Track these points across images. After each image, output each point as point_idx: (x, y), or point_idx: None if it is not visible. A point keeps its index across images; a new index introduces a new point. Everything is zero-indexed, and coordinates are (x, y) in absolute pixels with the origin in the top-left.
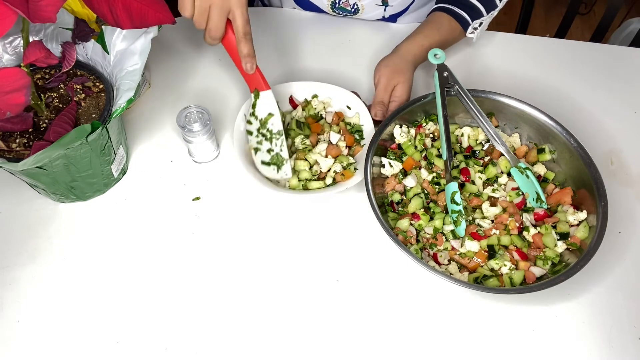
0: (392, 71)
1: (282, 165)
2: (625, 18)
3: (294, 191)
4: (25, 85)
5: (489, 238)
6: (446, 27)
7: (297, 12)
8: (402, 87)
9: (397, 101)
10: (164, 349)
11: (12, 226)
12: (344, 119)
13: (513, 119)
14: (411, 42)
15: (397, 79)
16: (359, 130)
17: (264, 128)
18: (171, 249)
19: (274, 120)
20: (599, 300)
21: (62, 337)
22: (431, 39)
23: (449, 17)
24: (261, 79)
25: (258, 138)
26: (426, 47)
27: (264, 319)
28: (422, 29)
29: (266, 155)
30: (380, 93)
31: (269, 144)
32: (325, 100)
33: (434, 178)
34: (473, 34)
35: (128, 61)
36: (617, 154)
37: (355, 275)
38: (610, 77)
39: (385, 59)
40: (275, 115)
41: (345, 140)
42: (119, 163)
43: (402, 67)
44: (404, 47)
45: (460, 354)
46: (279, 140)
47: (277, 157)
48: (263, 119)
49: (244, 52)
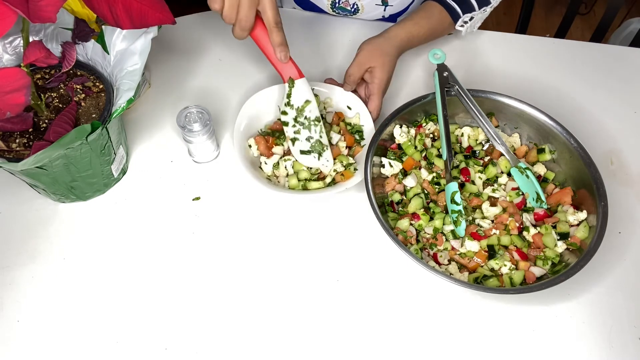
0: (373, 50)
1: (323, 152)
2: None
3: (293, 191)
4: (25, 85)
5: (489, 238)
6: (437, 17)
7: (297, 12)
8: (380, 69)
9: (376, 82)
10: (164, 349)
11: (12, 226)
12: (344, 119)
13: (513, 119)
14: (400, 27)
15: (376, 60)
16: (359, 131)
17: (302, 116)
18: (171, 249)
19: (311, 107)
20: (599, 300)
21: (62, 337)
22: (420, 26)
23: (441, 8)
24: (295, 67)
25: (295, 127)
26: (414, 34)
27: (264, 319)
28: (412, 16)
29: (305, 143)
30: (353, 67)
31: (308, 131)
32: (325, 101)
33: (434, 178)
34: (462, 27)
35: (128, 61)
36: (617, 154)
37: (355, 275)
38: (610, 77)
39: (371, 38)
40: (312, 102)
41: (345, 140)
42: (119, 163)
43: (384, 49)
44: (392, 30)
45: (460, 354)
46: (317, 127)
47: (317, 144)
48: (300, 107)
49: (276, 41)
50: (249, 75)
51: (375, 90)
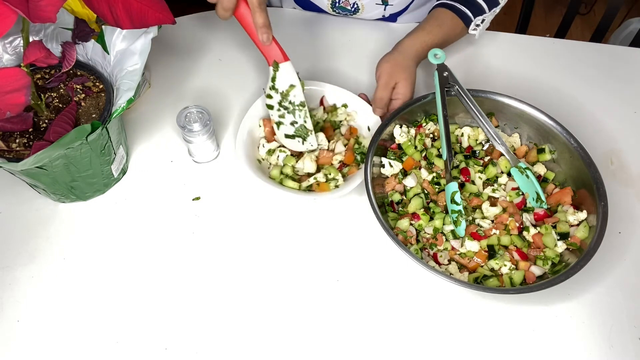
0: (393, 68)
1: (307, 136)
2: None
3: (293, 191)
4: (25, 85)
5: (489, 238)
6: (448, 24)
7: (297, 11)
8: (404, 84)
9: (400, 98)
10: (164, 349)
11: (12, 226)
12: (357, 136)
13: (513, 119)
14: (413, 38)
15: (398, 75)
16: (363, 153)
17: (286, 100)
18: (171, 249)
19: (296, 91)
20: (599, 300)
21: (62, 337)
22: (433, 35)
23: (452, 14)
24: (279, 50)
25: (280, 112)
26: (429, 44)
27: (264, 319)
28: (424, 25)
29: (290, 128)
30: (380, 90)
31: (292, 116)
32: (350, 113)
33: (434, 178)
34: (475, 30)
35: (128, 61)
36: (617, 154)
37: (355, 275)
38: (610, 77)
39: (387, 56)
40: (296, 87)
41: (344, 155)
42: (119, 163)
43: (403, 64)
44: (405, 43)
45: (460, 354)
46: (302, 112)
47: (301, 128)
48: (284, 92)
49: (259, 22)
50: (249, 75)
51: (398, 105)
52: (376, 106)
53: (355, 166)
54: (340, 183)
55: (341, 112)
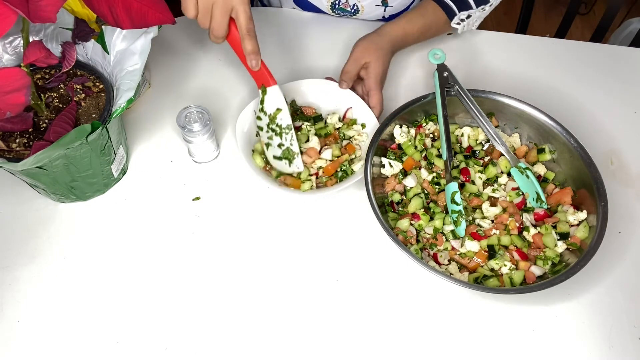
0: (366, 45)
1: (293, 159)
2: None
3: (294, 190)
4: (25, 85)
5: (489, 238)
6: (431, 15)
7: (297, 12)
8: (375, 64)
9: (372, 77)
10: (164, 349)
11: (12, 226)
12: (353, 156)
13: (513, 119)
14: (394, 24)
15: (370, 55)
16: (346, 173)
17: (273, 123)
18: (171, 249)
19: (282, 115)
20: (599, 300)
21: (62, 337)
22: (413, 23)
23: (435, 5)
24: (267, 74)
25: (269, 133)
26: (408, 32)
27: (264, 319)
28: (407, 14)
29: (277, 150)
30: (348, 64)
31: (279, 138)
32: (362, 133)
33: (434, 178)
34: (459, 25)
35: (128, 61)
36: (617, 154)
37: (355, 275)
38: (610, 77)
39: (365, 36)
40: (283, 110)
41: (324, 168)
42: (119, 163)
43: (378, 44)
44: (385, 27)
45: (460, 354)
46: (288, 135)
47: (287, 151)
48: (272, 115)
49: (247, 49)
50: (249, 75)
51: (372, 85)
52: (341, 79)
53: (333, 180)
54: (310, 181)
55: (356, 128)
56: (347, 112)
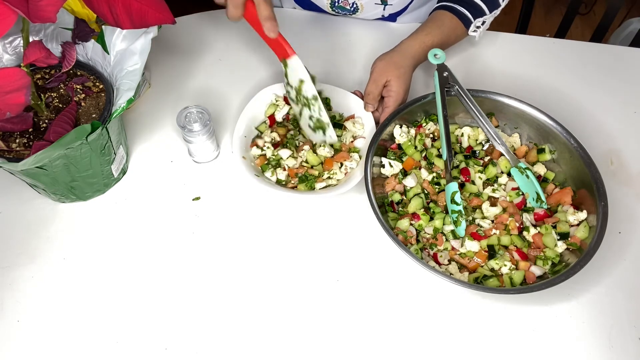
0: (385, 65)
1: (327, 128)
2: (625, 18)
3: (294, 191)
4: (25, 85)
5: (489, 238)
6: (448, 25)
7: (297, 11)
8: (396, 82)
9: (392, 96)
10: (164, 349)
11: (12, 226)
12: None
13: (513, 119)
14: (413, 39)
15: (390, 73)
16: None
17: (300, 95)
18: (171, 249)
19: (306, 86)
20: (599, 300)
21: (62, 337)
22: (433, 36)
23: (451, 15)
24: (285, 44)
25: (298, 106)
26: (428, 45)
27: (264, 319)
28: (424, 27)
29: (309, 121)
30: (369, 85)
31: (308, 110)
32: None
33: (434, 178)
34: (476, 32)
35: (128, 61)
36: (617, 154)
37: (355, 275)
38: (610, 77)
39: (383, 54)
40: (306, 82)
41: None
42: (119, 163)
43: (398, 62)
44: (404, 43)
45: (461, 354)
46: (315, 106)
47: (318, 122)
48: (297, 87)
49: (263, 14)
50: (249, 76)
51: (390, 103)
52: (365, 100)
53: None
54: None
55: (357, 127)
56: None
